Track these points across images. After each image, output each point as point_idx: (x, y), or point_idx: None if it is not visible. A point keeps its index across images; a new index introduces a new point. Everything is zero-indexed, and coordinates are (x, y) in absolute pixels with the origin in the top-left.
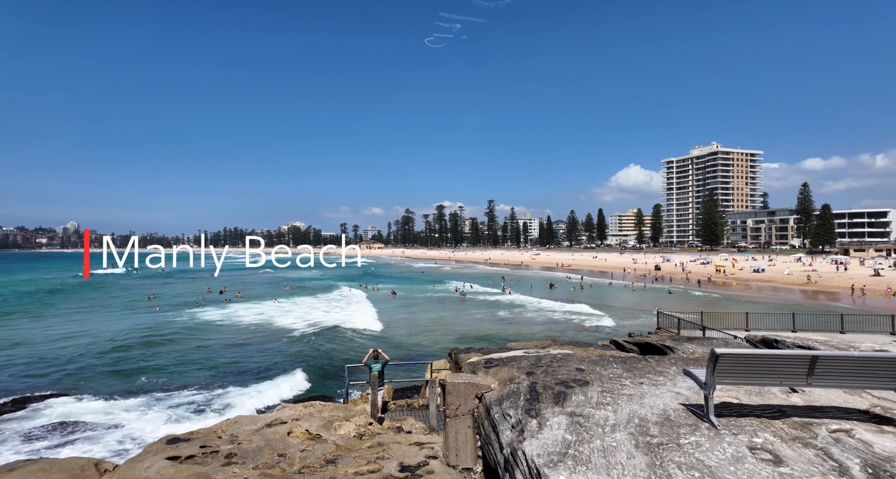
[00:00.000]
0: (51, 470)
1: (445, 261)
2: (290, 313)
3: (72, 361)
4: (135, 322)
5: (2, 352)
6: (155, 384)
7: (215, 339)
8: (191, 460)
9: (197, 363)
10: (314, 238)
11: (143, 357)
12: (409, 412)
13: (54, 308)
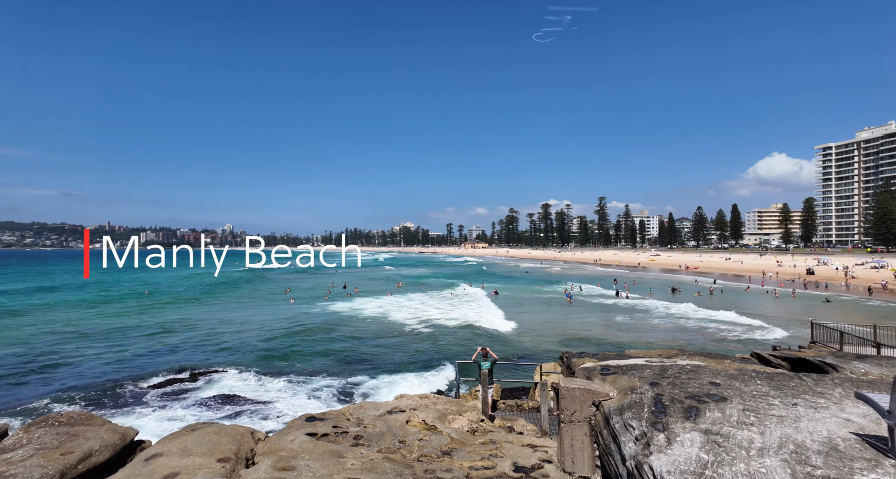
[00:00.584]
0: (221, 433)
1: (551, 261)
2: (404, 309)
3: (231, 343)
4: (276, 313)
5: (183, 333)
6: (297, 368)
7: (344, 330)
8: (325, 438)
9: (331, 352)
10: (422, 238)
11: (288, 344)
12: (518, 413)
13: (216, 297)
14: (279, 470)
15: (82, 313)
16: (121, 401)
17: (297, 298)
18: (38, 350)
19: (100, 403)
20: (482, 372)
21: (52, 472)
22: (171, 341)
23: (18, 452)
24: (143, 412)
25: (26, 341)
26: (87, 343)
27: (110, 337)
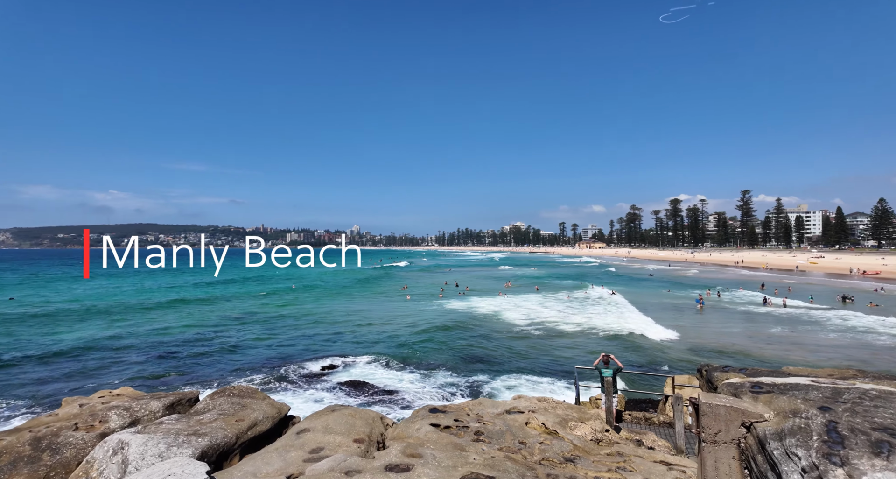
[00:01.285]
0: (355, 416)
1: (682, 263)
2: (518, 309)
3: (360, 335)
4: (396, 309)
5: (321, 323)
6: (419, 362)
7: (460, 328)
8: (447, 430)
9: (449, 348)
10: (533, 237)
11: (409, 339)
12: (647, 427)
13: (348, 292)
14: (408, 456)
15: (246, 303)
16: (274, 380)
17: (413, 295)
18: (217, 334)
19: (259, 380)
20: (605, 380)
21: (230, 435)
22: (310, 330)
23: (207, 415)
24: (290, 391)
25: (211, 326)
26: (248, 329)
27: (267, 324)
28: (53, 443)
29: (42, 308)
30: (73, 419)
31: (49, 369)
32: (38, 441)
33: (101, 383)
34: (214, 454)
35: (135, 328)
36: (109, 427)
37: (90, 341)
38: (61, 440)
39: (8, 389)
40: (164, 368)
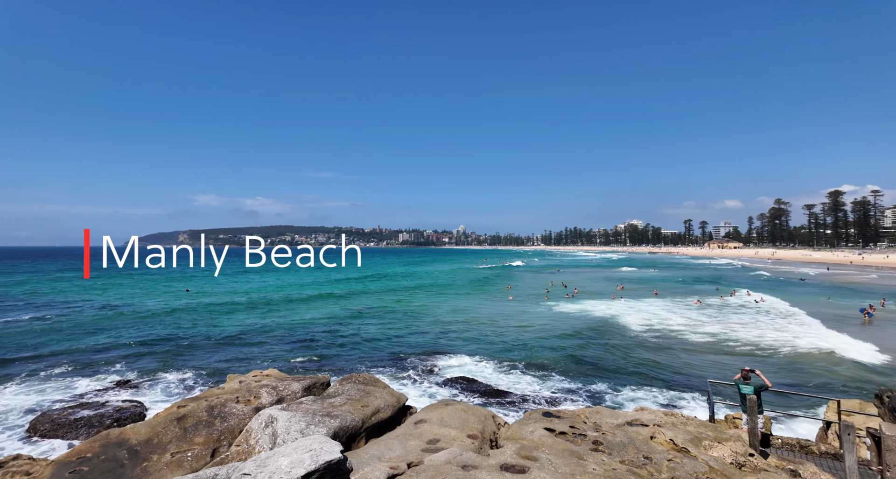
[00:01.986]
0: (468, 412)
1: (846, 266)
2: (638, 314)
3: (471, 333)
4: (499, 309)
5: (432, 319)
6: (529, 363)
7: (570, 332)
8: (563, 436)
9: (559, 351)
10: (653, 236)
11: (518, 339)
12: (804, 455)
13: (459, 290)
14: (522, 458)
15: (370, 299)
16: (390, 370)
17: (518, 296)
18: (345, 325)
19: (378, 369)
20: (748, 398)
21: (357, 419)
22: (422, 326)
23: (337, 399)
24: (405, 382)
25: (340, 318)
26: (370, 322)
27: (385, 318)
28: (222, 412)
29: (211, 299)
30: (235, 393)
31: (219, 350)
32: (211, 409)
33: (254, 364)
34: (345, 435)
35: (280, 318)
36: (262, 403)
37: (246, 328)
38: (227, 409)
39: (191, 364)
40: (300, 353)
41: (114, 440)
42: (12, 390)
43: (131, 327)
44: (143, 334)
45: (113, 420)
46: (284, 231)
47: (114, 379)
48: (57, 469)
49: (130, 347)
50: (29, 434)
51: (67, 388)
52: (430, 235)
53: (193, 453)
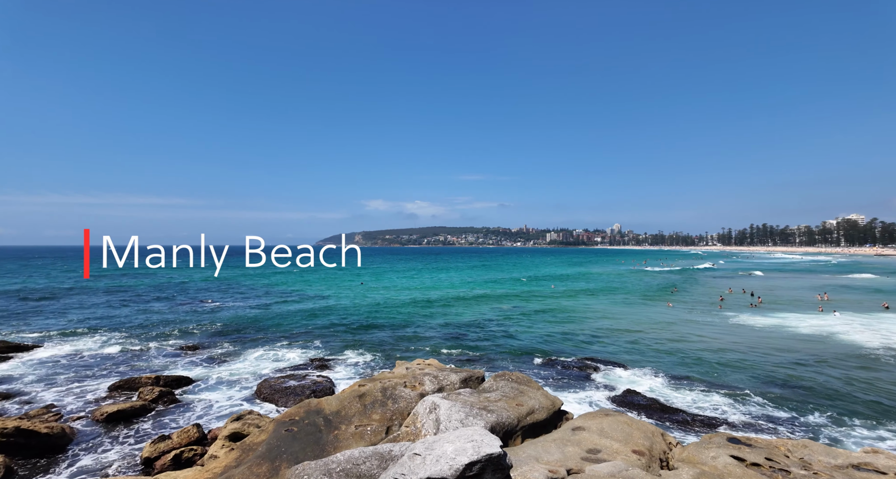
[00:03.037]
0: (632, 426)
1: None
2: (869, 331)
3: (630, 341)
4: (662, 316)
5: (589, 323)
6: (706, 380)
7: (756, 347)
8: (756, 468)
9: (746, 368)
10: (881, 235)
11: (689, 352)
12: None
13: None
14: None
15: (521, 300)
16: (543, 372)
17: (679, 302)
18: (497, 323)
19: (529, 369)
20: None
21: (513, 416)
22: (572, 328)
23: (492, 394)
24: (558, 385)
25: (494, 316)
26: (521, 321)
27: (532, 319)
28: (393, 394)
29: (381, 292)
30: (402, 378)
31: (388, 337)
32: (385, 390)
33: (416, 353)
34: (501, 430)
35: (438, 313)
36: (425, 389)
37: (409, 320)
38: (397, 392)
39: (366, 347)
40: (455, 347)
41: (313, 408)
42: (249, 361)
43: (325, 313)
44: (334, 320)
45: (311, 391)
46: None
47: (311, 356)
48: (277, 426)
49: (325, 330)
50: (255, 395)
51: (280, 361)
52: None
53: (372, 428)
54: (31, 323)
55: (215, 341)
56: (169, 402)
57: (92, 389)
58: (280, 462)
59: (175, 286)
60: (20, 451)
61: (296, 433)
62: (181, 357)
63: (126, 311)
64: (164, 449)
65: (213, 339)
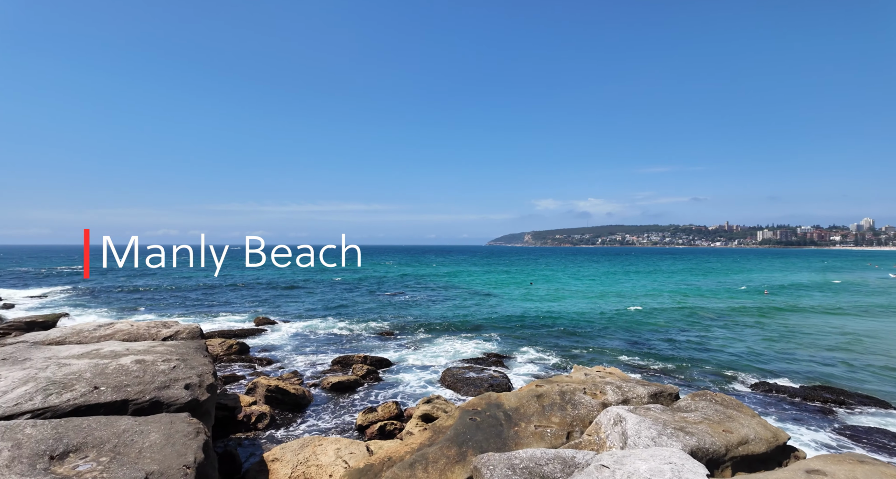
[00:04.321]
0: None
1: None
2: None
3: (881, 367)
4: None
5: (832, 347)
6: None
7: None
8: None
9: None
10: None
11: None
12: None
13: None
14: None
15: (722, 305)
16: (757, 399)
17: None
18: (687, 332)
19: (734, 390)
20: None
21: (719, 443)
22: (797, 348)
23: (691, 415)
24: (782, 418)
25: (683, 323)
26: (718, 332)
27: (737, 331)
28: (572, 399)
29: (553, 294)
30: (581, 383)
31: (562, 339)
32: (563, 394)
33: (595, 359)
34: (704, 457)
35: (619, 317)
36: (607, 399)
37: (586, 322)
38: (577, 398)
39: (540, 347)
40: (638, 356)
41: (493, 401)
42: (434, 350)
43: (498, 311)
44: (507, 318)
45: (489, 385)
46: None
47: (487, 351)
48: (462, 414)
49: (499, 327)
50: (440, 382)
51: (459, 352)
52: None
53: (552, 430)
54: (279, 306)
55: (407, 329)
56: (373, 379)
57: (320, 361)
58: (466, 448)
59: (373, 281)
60: (278, 405)
61: (479, 423)
62: (381, 341)
63: (338, 300)
64: (372, 420)
65: (405, 327)
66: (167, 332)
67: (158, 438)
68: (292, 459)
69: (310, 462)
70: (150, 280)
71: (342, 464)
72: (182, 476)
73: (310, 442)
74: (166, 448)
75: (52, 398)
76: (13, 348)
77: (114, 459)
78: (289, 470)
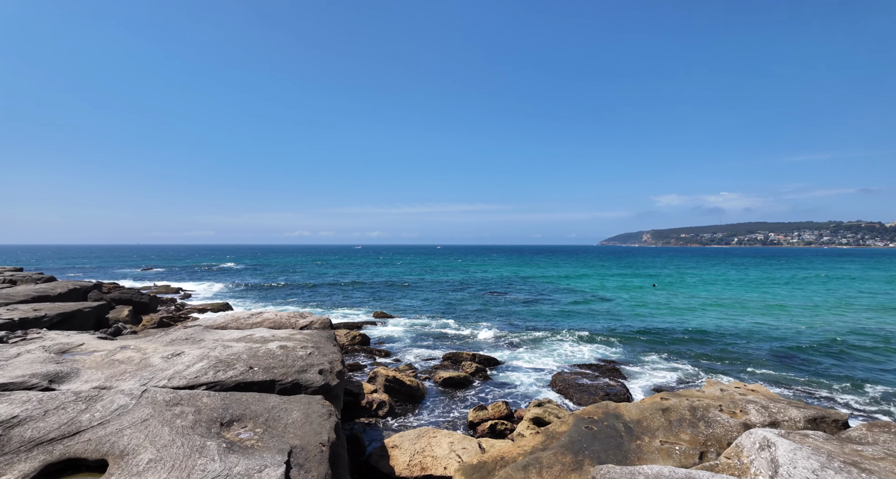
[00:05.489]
0: None
1: None
2: None
3: None
4: None
5: None
6: None
7: None
8: None
9: None
10: None
11: None
12: None
13: None
14: None
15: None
16: None
17: None
18: (849, 348)
19: None
20: None
21: None
22: None
23: (867, 448)
24: None
25: (837, 333)
26: None
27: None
28: (705, 416)
29: (680, 298)
30: (716, 400)
31: (690, 348)
32: (694, 410)
33: (728, 372)
34: None
35: (757, 324)
36: (749, 419)
37: (715, 329)
38: (710, 416)
39: (664, 356)
40: (791, 372)
41: (611, 411)
42: (543, 352)
43: (614, 313)
44: (623, 321)
45: (605, 393)
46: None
47: (601, 356)
48: (577, 421)
49: (614, 331)
50: (549, 386)
51: (570, 356)
52: None
53: (681, 448)
54: (394, 302)
55: (514, 330)
56: (482, 378)
57: (431, 356)
58: (582, 457)
59: (479, 281)
60: (395, 394)
61: (595, 433)
62: (489, 340)
63: (447, 298)
64: (483, 418)
65: (512, 328)
66: (304, 322)
67: (299, 416)
68: (410, 447)
69: (426, 452)
70: (290, 276)
71: (455, 458)
72: (318, 453)
73: (425, 433)
74: (305, 426)
75: (220, 374)
76: (192, 331)
77: (266, 431)
78: (407, 458)
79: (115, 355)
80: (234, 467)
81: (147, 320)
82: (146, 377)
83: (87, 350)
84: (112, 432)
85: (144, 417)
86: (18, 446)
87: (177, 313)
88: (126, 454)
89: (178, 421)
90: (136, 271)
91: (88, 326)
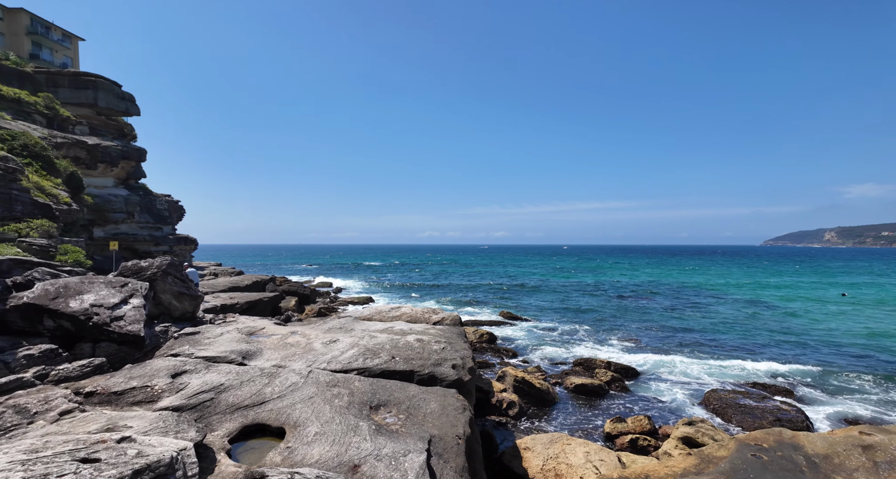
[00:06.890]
0: None
1: None
2: None
3: None
4: None
5: None
6: None
7: None
8: None
9: None
10: None
11: None
12: None
13: None
14: None
15: None
16: None
17: None
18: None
19: None
20: None
21: None
22: None
23: None
24: None
25: None
26: None
27: None
28: None
29: (869, 312)
30: None
31: (887, 370)
32: None
33: None
34: None
35: None
36: None
37: None
38: None
39: (864, 385)
40: None
41: (787, 440)
42: (692, 366)
43: (788, 326)
44: (803, 337)
45: (776, 419)
46: None
47: (772, 373)
48: (740, 446)
49: (788, 347)
50: (702, 404)
51: (728, 372)
52: None
53: None
54: (521, 302)
55: (653, 338)
56: (619, 388)
57: (561, 359)
58: None
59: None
60: (524, 396)
61: (766, 463)
62: (624, 348)
63: (575, 301)
64: (622, 430)
65: (651, 336)
66: (436, 317)
67: (436, 407)
68: (543, 452)
69: (560, 459)
70: (421, 274)
71: (593, 469)
72: (455, 445)
73: (558, 439)
74: (442, 417)
75: (368, 362)
76: (345, 321)
77: (408, 418)
78: (540, 462)
79: (287, 338)
80: (383, 448)
81: (309, 310)
82: (310, 360)
83: (267, 333)
84: (287, 404)
85: (311, 394)
86: (225, 408)
87: (331, 304)
88: (298, 425)
89: (336, 401)
90: (299, 267)
91: (267, 312)
